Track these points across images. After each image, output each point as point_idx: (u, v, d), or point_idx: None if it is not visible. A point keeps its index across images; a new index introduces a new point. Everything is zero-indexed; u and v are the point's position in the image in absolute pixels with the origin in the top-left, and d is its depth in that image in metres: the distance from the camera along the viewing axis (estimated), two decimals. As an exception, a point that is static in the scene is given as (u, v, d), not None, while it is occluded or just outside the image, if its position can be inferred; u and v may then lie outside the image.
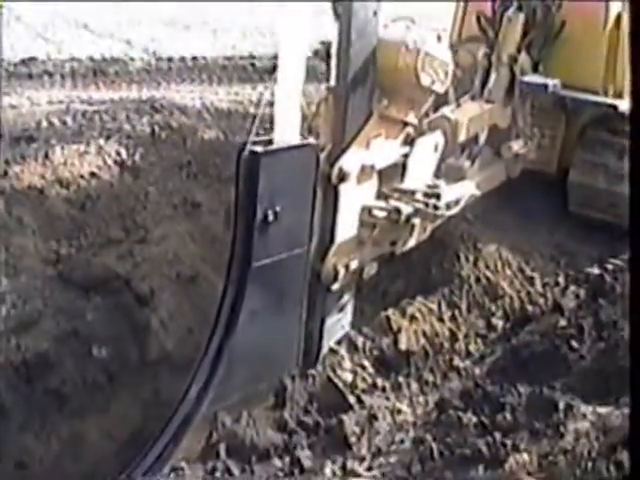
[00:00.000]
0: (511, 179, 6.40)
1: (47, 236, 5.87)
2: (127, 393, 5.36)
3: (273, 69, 10.41)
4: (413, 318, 5.60)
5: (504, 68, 6.12)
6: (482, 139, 5.92)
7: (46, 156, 6.36)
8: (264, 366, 4.60)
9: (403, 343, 5.42)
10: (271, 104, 4.33)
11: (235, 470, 4.36)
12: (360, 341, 5.27)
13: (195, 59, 10.73)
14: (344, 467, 4.57)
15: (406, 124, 4.86)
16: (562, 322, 5.54)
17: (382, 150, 4.75)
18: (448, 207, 5.04)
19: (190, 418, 4.25)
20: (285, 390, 4.73)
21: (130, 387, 5.37)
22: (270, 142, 4.18)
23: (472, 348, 5.69)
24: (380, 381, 5.19)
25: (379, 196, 4.87)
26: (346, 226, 4.71)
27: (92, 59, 10.19)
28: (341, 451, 4.63)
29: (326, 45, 4.38)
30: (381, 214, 4.75)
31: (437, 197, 4.88)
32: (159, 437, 4.21)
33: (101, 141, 6.85)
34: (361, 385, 5.06)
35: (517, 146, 6.26)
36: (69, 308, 5.47)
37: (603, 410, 4.36)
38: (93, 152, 6.63)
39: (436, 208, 4.87)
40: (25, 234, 5.78)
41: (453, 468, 4.29)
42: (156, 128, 7.27)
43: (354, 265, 4.81)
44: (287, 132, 4.19)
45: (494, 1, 6.38)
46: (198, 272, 6.05)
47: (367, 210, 4.75)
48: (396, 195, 4.86)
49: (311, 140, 4.42)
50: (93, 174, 6.44)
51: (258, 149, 4.08)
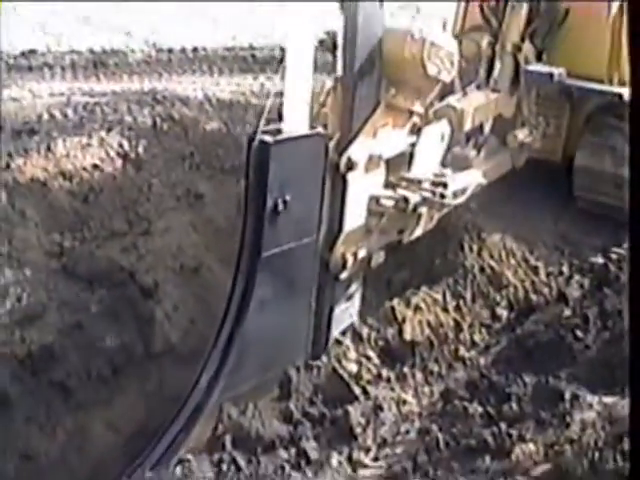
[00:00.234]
0: (516, 168, 6.37)
1: (50, 229, 5.84)
2: (132, 385, 5.35)
3: (274, 60, 10.42)
4: (418, 308, 5.60)
5: (508, 57, 6.09)
6: (487, 128, 5.91)
7: (48, 148, 6.33)
8: (274, 355, 4.62)
9: (408, 333, 5.42)
10: (277, 94, 4.31)
11: (241, 461, 4.36)
12: (365, 332, 5.27)
13: (195, 50, 10.66)
14: (350, 458, 4.57)
15: (413, 113, 4.85)
16: (567, 312, 5.53)
17: (389, 139, 4.75)
18: (455, 196, 5.05)
19: (201, 407, 4.28)
20: (290, 381, 4.73)
21: (135, 379, 5.37)
22: (279, 131, 4.17)
23: (477, 338, 5.68)
24: (385, 372, 5.19)
25: (387, 185, 4.88)
26: (354, 215, 4.73)
27: (92, 51, 10.09)
28: (347, 442, 4.62)
29: (331, 35, 4.36)
30: (389, 203, 4.78)
31: (444, 186, 4.89)
32: (169, 427, 4.23)
33: (103, 133, 6.81)
34: (366, 376, 5.06)
35: (522, 135, 6.24)
36: (73, 301, 5.46)
37: (609, 400, 4.36)
38: (95, 144, 6.59)
39: (443, 197, 4.89)
40: (28, 227, 5.75)
41: (459, 458, 4.29)
42: (158, 120, 7.24)
43: (362, 254, 4.83)
44: (296, 121, 4.18)
45: (498, -10, 6.34)
46: (202, 263, 6.04)
47: (375, 199, 4.77)
48: (403, 184, 4.88)
49: (320, 129, 4.42)
50: (96, 166, 6.40)
51: (268, 139, 4.09)
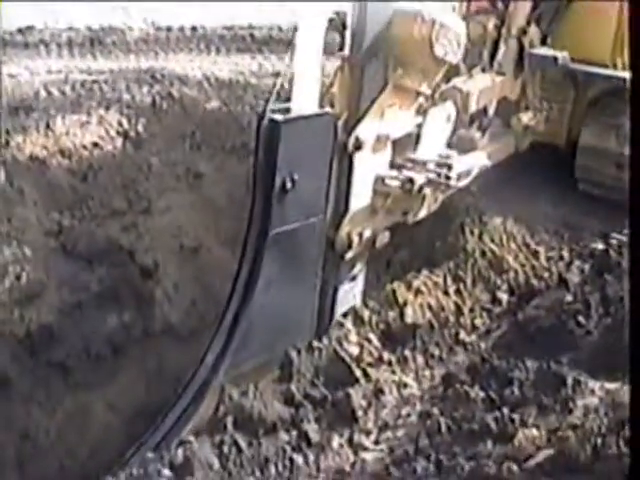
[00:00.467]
0: (519, 151, 6.34)
1: (49, 207, 5.81)
2: (131, 365, 5.34)
3: (272, 40, 10.29)
4: (419, 291, 5.57)
5: (513, 40, 6.04)
6: (491, 111, 5.87)
7: (47, 126, 6.29)
8: (280, 333, 4.63)
9: (409, 316, 5.40)
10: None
11: (242, 443, 4.34)
12: (366, 314, 5.24)
13: (194, 29, 10.55)
14: (351, 441, 4.55)
15: (419, 94, 4.82)
16: (568, 297, 5.51)
17: (397, 120, 4.73)
18: (459, 178, 5.02)
19: (206, 386, 4.29)
20: (292, 363, 4.71)
21: (134, 359, 5.35)
22: (288, 110, 4.16)
23: (478, 322, 5.66)
24: (386, 354, 5.16)
25: (392, 166, 4.87)
26: (360, 195, 4.73)
27: (90, 29, 9.98)
28: (348, 425, 4.60)
29: (341, 15, 4.33)
30: (394, 184, 4.76)
31: (449, 167, 4.88)
32: (172, 407, 4.25)
33: (102, 111, 6.77)
34: (367, 358, 5.04)
35: (527, 118, 6.22)
36: (72, 280, 5.43)
37: (611, 386, 4.34)
38: (94, 122, 6.55)
39: (448, 178, 4.88)
40: (27, 205, 5.71)
41: (461, 442, 4.27)
42: (157, 98, 7.19)
43: (367, 234, 4.83)
44: (305, 101, 4.17)
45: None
46: (202, 243, 6.01)
47: (381, 179, 4.76)
48: (409, 165, 4.87)
49: (329, 109, 4.41)
50: (95, 144, 6.37)
51: (279, 117, 4.08)
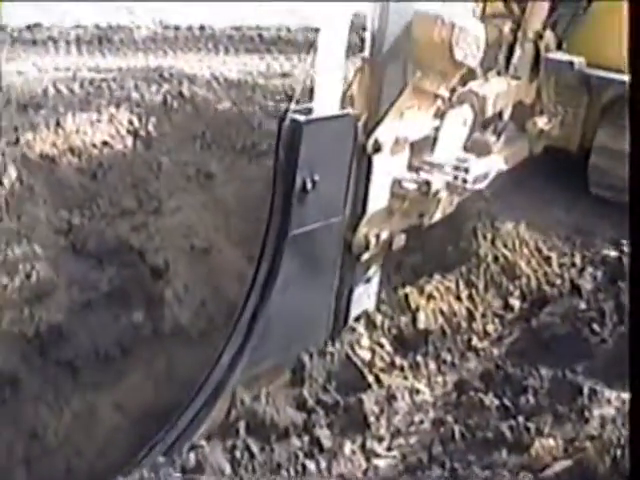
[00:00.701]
0: (533, 155, 6.30)
1: (59, 205, 5.77)
2: (140, 365, 5.29)
3: (280, 40, 10.23)
4: (431, 296, 5.53)
5: (529, 44, 6.01)
6: (507, 115, 5.84)
7: (57, 124, 6.24)
8: (296, 333, 4.62)
9: (421, 322, 5.36)
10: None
11: (254, 448, 4.30)
12: (379, 319, 5.21)
13: (202, 28, 10.51)
14: (363, 447, 4.51)
15: (437, 97, 4.79)
16: (582, 304, 5.46)
17: (415, 122, 4.72)
18: (475, 181, 5.01)
19: (221, 387, 4.27)
20: (304, 368, 4.68)
21: (143, 359, 5.31)
22: (310, 111, 4.15)
23: (490, 328, 5.61)
24: (398, 360, 5.13)
25: (409, 168, 4.86)
26: (378, 197, 4.72)
27: (97, 26, 9.96)
28: (360, 431, 4.56)
29: (361, 17, 4.30)
30: (411, 186, 4.76)
31: (466, 171, 4.89)
32: (189, 405, 4.22)
33: (112, 109, 6.73)
34: (379, 364, 5.00)
35: (541, 123, 6.19)
36: (82, 279, 5.39)
37: (628, 396, 4.30)
38: (105, 120, 6.50)
39: (465, 182, 4.89)
40: (37, 203, 5.67)
41: (476, 451, 4.23)
42: (168, 97, 7.15)
43: (384, 235, 4.83)
44: (327, 101, 4.16)
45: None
46: (212, 244, 5.97)
47: (398, 182, 4.76)
48: (426, 167, 4.88)
49: (350, 110, 4.39)
50: (105, 143, 6.32)
51: (300, 118, 4.07)
